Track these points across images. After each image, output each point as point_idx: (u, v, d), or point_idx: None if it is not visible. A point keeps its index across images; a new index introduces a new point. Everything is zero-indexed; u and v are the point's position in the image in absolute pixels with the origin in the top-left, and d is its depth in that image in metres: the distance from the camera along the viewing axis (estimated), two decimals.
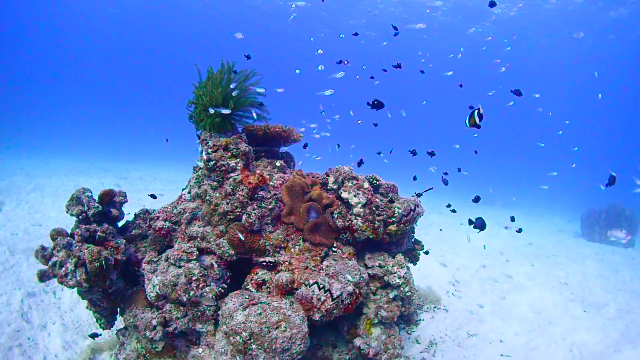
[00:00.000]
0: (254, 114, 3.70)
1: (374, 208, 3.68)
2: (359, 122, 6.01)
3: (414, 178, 5.64)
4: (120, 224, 3.77)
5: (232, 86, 3.50)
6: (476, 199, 4.91)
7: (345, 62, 5.80)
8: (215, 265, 3.23)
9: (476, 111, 3.12)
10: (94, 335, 3.69)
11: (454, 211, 5.39)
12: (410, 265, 4.33)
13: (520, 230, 5.72)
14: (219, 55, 3.74)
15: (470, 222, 4.07)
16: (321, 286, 3.09)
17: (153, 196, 4.64)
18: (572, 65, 30.25)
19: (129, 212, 3.90)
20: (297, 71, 8.23)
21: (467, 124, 3.21)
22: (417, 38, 28.72)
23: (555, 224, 17.07)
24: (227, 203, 3.35)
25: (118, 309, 3.53)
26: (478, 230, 3.96)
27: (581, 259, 9.48)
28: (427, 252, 4.57)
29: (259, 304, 2.90)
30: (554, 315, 5.36)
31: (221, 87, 3.52)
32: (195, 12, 30.18)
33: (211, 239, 3.38)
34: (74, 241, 3.15)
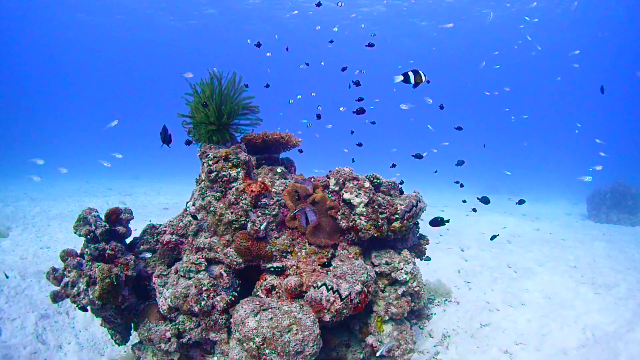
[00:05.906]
0: (250, 121, 3.75)
1: (376, 206, 3.71)
2: (375, 100, 6.09)
3: (461, 185, 6.05)
4: (128, 240, 3.82)
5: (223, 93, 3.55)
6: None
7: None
8: (225, 274, 3.27)
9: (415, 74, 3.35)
10: None
11: (462, 185, 5.91)
12: (417, 260, 4.35)
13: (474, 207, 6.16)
14: (218, 65, 3.78)
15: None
16: (329, 287, 3.13)
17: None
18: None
19: (136, 228, 3.95)
20: (362, 70, 7.42)
21: (412, 81, 3.41)
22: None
23: (562, 207, 17.02)
24: (232, 212, 3.39)
25: (132, 324, 3.58)
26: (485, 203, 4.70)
27: (589, 240, 9.45)
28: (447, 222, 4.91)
29: (270, 309, 2.94)
30: (565, 299, 5.35)
31: (212, 99, 3.56)
32: (193, 30, 30.53)
33: (218, 249, 3.43)
34: (84, 261, 3.20)
